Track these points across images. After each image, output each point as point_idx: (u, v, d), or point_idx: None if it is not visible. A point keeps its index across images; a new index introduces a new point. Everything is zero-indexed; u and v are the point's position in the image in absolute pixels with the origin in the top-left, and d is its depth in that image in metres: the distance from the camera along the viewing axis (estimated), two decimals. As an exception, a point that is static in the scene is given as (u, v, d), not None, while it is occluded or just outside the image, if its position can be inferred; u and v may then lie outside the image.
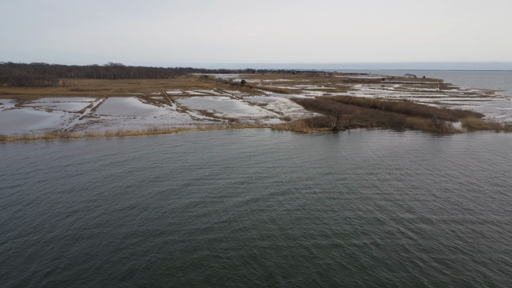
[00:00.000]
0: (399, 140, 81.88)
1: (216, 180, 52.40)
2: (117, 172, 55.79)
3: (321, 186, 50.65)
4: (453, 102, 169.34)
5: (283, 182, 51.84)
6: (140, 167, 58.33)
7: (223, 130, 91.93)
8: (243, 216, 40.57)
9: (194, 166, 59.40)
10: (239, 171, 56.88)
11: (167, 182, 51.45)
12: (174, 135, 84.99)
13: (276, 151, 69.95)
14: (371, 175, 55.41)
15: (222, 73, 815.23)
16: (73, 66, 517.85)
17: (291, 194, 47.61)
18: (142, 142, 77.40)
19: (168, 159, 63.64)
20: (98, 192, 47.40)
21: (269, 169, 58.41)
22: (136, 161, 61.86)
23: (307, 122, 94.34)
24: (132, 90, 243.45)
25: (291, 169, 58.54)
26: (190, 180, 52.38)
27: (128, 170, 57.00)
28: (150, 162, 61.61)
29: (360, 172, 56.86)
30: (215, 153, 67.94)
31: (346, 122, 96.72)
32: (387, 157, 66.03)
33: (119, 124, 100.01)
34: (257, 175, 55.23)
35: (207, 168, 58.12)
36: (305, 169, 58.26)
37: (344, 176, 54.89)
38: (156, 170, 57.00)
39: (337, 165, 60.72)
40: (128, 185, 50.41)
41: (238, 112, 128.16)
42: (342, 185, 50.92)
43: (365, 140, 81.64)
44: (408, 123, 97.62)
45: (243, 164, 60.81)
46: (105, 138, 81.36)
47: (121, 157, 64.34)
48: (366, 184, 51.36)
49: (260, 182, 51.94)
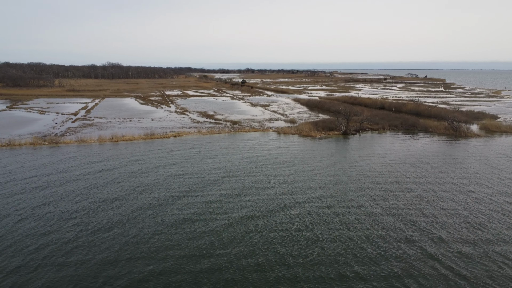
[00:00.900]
0: (414, 145, 75.92)
1: (218, 191, 46.38)
2: (103, 182, 49.68)
3: (336, 198, 44.70)
4: (462, 103, 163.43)
5: (294, 194, 45.84)
6: (131, 176, 52.26)
7: (225, 134, 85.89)
8: (249, 238, 34.56)
9: (192, 175, 53.36)
10: (244, 181, 50.87)
11: (160, 194, 45.41)
12: (173, 140, 78.92)
13: (283, 158, 63.95)
14: (390, 186, 49.43)
15: (221, 73, 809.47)
16: (70, 66, 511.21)
17: (303, 207, 41.70)
18: (137, 148, 71.33)
19: (164, 166, 57.56)
20: (77, 207, 41.28)
21: (276, 178, 52.41)
22: (128, 170, 55.80)
23: (315, 125, 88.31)
24: (129, 90, 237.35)
25: (301, 177, 52.53)
26: (187, 191, 46.37)
27: (117, 179, 50.92)
28: (144, 171, 55.54)
29: (378, 182, 50.86)
30: (217, 160, 61.92)
31: (357, 125, 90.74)
32: (404, 165, 60.05)
33: (114, 127, 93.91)
34: (264, 185, 49.25)
35: (207, 177, 52.09)
36: (316, 178, 52.26)
37: (361, 186, 48.92)
38: (149, 179, 50.94)
39: (351, 174, 54.71)
40: (115, 197, 44.38)
41: (240, 114, 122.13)
42: (360, 198, 44.98)
43: (377, 145, 75.67)
44: (423, 126, 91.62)
45: (247, 173, 54.79)
46: (97, 143, 75.27)
47: (111, 165, 58.26)
48: (387, 196, 45.40)
49: (267, 193, 45.95)
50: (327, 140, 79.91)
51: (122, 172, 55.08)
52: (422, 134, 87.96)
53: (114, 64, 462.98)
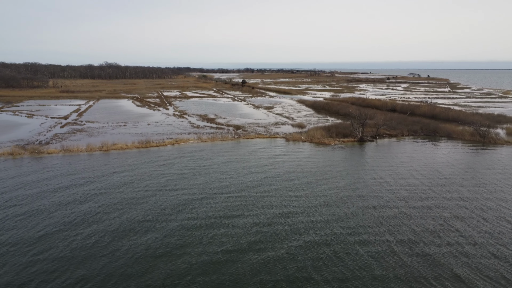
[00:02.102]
0: (439, 153, 67.85)
1: (221, 220, 38.20)
2: (81, 211, 41.45)
3: (370, 228, 36.56)
4: (475, 104, 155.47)
5: (315, 224, 37.65)
6: (116, 197, 44.06)
7: (228, 141, 77.65)
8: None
9: (191, 195, 45.16)
10: (252, 204, 42.70)
11: (149, 224, 37.18)
12: (170, 149, 70.68)
13: (295, 170, 55.79)
14: (421, 204, 41.34)
15: (220, 73, 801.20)
16: (67, 66, 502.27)
17: (329, 245, 33.46)
18: (129, 158, 63.08)
19: (156, 184, 49.34)
20: (42, 233, 33.09)
21: (289, 198, 44.28)
22: (114, 189, 47.54)
23: (327, 131, 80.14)
24: (126, 91, 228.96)
25: (321, 199, 44.39)
26: (185, 220, 38.19)
27: (97, 203, 42.69)
28: (133, 190, 47.30)
29: (414, 206, 42.70)
30: (219, 174, 53.73)
31: (372, 130, 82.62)
32: (432, 178, 52.01)
33: (106, 133, 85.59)
34: (276, 209, 41.12)
35: (208, 199, 43.91)
36: (337, 199, 44.11)
37: (394, 214, 40.72)
38: (137, 203, 42.74)
39: (379, 193, 46.55)
40: (90, 233, 36.02)
41: (243, 117, 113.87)
42: (392, 222, 36.81)
43: (398, 154, 67.55)
44: (445, 131, 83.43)
45: (255, 191, 46.64)
46: (86, 153, 67.01)
47: (94, 184, 49.97)
48: (429, 227, 37.20)
49: (280, 220, 37.77)
50: (342, 148, 71.72)
51: (104, 188, 46.85)
52: (445, 140, 79.85)
53: (111, 64, 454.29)
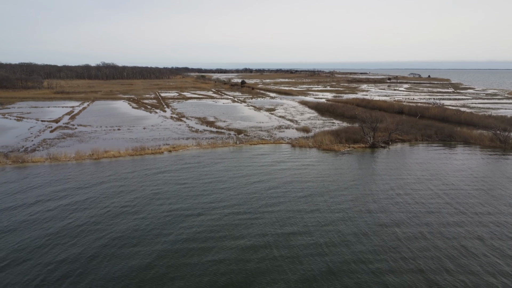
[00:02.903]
0: (459, 163, 62.43)
1: (218, 242, 32.64)
2: (54, 232, 35.80)
3: (390, 262, 31.05)
4: (483, 106, 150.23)
5: (330, 248, 32.14)
6: (97, 214, 38.45)
7: (230, 147, 72.06)
8: None
9: (185, 210, 39.59)
10: (255, 223, 37.19)
11: (131, 250, 31.61)
12: (167, 156, 65.06)
13: (304, 182, 50.26)
14: (452, 232, 35.87)
15: (219, 73, 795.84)
16: (64, 66, 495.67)
17: (348, 276, 27.94)
18: (121, 168, 57.41)
19: (146, 198, 43.72)
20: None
21: (300, 217, 38.73)
22: (97, 204, 41.93)
23: (335, 136, 74.62)
24: (123, 92, 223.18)
25: (333, 216, 38.85)
26: (175, 242, 32.59)
27: (74, 221, 37.05)
28: (118, 205, 41.68)
29: (431, 223, 37.20)
30: (219, 186, 48.16)
31: (383, 135, 77.17)
32: (459, 195, 46.55)
33: (98, 138, 79.87)
34: (282, 228, 35.60)
35: (204, 215, 38.35)
36: (355, 217, 38.60)
37: (413, 233, 35.21)
38: (121, 221, 37.15)
39: (397, 209, 41.07)
40: (60, 261, 30.43)
41: (244, 120, 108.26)
42: (417, 253, 31.32)
43: (414, 162, 62.12)
44: (462, 136, 77.99)
45: (259, 208, 41.07)
46: (74, 162, 61.31)
47: (76, 197, 44.30)
48: (464, 252, 31.71)
49: (292, 242, 32.23)
50: (353, 155, 66.24)
51: (85, 202, 41.21)
52: (462, 146, 74.45)
53: (108, 64, 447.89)
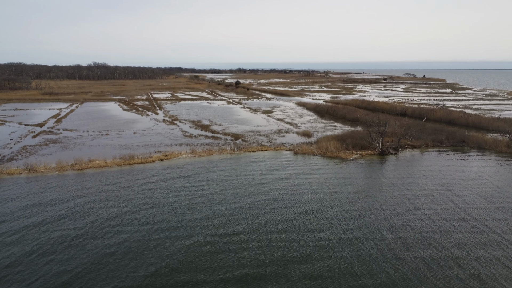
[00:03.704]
0: (475, 170, 57.48)
1: (211, 274, 27.09)
2: (6, 257, 29.95)
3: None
4: (486, 107, 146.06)
5: (343, 274, 26.73)
6: (60, 239, 32.63)
7: (227, 154, 66.38)
8: None
9: (174, 240, 33.93)
10: (260, 257, 31.59)
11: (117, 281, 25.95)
12: (158, 166, 59.20)
13: (310, 197, 44.81)
14: (498, 263, 30.64)
15: (213, 73, 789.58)
16: (54, 66, 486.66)
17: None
18: (105, 180, 51.45)
19: (128, 220, 37.94)
20: None
21: (310, 246, 33.22)
22: (65, 223, 36.06)
23: (341, 142, 69.25)
24: (114, 93, 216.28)
25: (349, 237, 33.42)
26: (162, 274, 27.00)
27: (30, 246, 31.21)
28: (90, 228, 35.85)
29: (476, 257, 31.96)
30: (215, 204, 42.52)
31: (392, 141, 71.98)
32: (486, 210, 41.42)
33: (83, 145, 73.72)
34: (293, 264, 30.02)
35: (198, 247, 32.67)
36: (377, 251, 33.19)
37: (444, 262, 29.95)
38: (85, 251, 31.37)
39: (422, 233, 35.77)
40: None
41: (241, 123, 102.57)
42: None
43: (427, 171, 57.01)
44: (475, 141, 73.00)
45: (263, 234, 35.51)
46: (55, 173, 55.24)
47: (43, 215, 38.37)
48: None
49: (301, 273, 26.75)
50: (361, 164, 60.90)
51: (55, 220, 35.32)
52: (475, 152, 69.51)
53: (100, 64, 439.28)
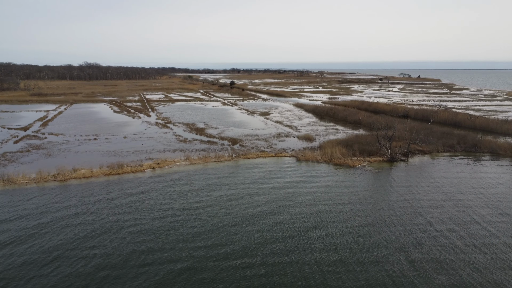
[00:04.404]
0: (493, 179, 53.16)
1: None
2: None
3: None
4: (488, 108, 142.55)
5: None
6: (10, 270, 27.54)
7: (224, 162, 61.37)
8: None
9: (164, 264, 28.92)
10: (260, 282, 26.79)
11: None
12: (149, 176, 54.05)
13: (319, 212, 39.99)
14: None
15: (206, 73, 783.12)
16: (45, 66, 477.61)
17: None
18: (88, 194, 46.21)
19: (105, 247, 32.90)
20: None
21: (321, 271, 28.42)
22: (42, 245, 30.95)
23: (347, 148, 64.57)
24: (105, 93, 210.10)
25: (368, 262, 28.70)
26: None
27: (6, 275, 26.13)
28: (58, 259, 30.75)
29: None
30: (210, 220, 37.58)
31: (401, 145, 67.48)
32: (506, 227, 37.00)
33: (69, 151, 68.28)
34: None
35: (186, 261, 27.70)
36: (402, 269, 28.51)
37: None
38: (69, 280, 26.37)
39: (453, 254, 31.18)
40: None
41: (238, 126, 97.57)
42: None
43: (441, 180, 52.59)
44: (488, 146, 68.72)
45: (263, 253, 30.62)
46: (35, 185, 49.87)
47: (18, 233, 33.19)
48: None
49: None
50: (369, 172, 56.24)
51: (20, 241, 30.17)
52: (489, 158, 65.27)
53: (91, 64, 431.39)
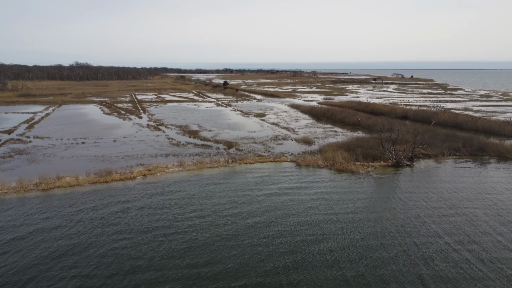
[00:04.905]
0: (503, 185, 50.39)
1: None
2: None
3: None
4: (486, 109, 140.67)
5: None
6: None
7: (220, 167, 57.81)
8: None
9: (154, 276, 25.45)
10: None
11: None
12: (139, 183, 50.30)
13: (323, 224, 36.68)
14: None
15: (199, 73, 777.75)
16: (34, 66, 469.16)
17: None
18: (74, 204, 42.40)
19: (98, 265, 29.27)
20: None
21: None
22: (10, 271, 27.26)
23: (350, 152, 61.37)
24: (96, 94, 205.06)
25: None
26: None
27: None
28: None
29: None
30: (205, 234, 34.08)
31: (404, 149, 64.51)
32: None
33: (54, 156, 64.19)
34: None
35: (177, 283, 24.28)
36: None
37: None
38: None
39: (478, 280, 28.10)
40: None
41: (233, 128, 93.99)
42: None
43: (450, 187, 49.69)
44: (495, 149, 66.04)
45: (264, 274, 27.24)
46: (15, 195, 45.89)
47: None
48: None
49: None
50: (375, 178, 53.05)
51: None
52: (496, 162, 62.58)
53: (82, 64, 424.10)
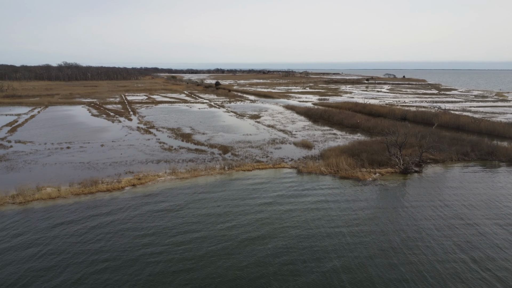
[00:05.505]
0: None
1: None
2: None
3: None
4: (484, 110, 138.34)
5: None
6: None
7: (216, 175, 53.62)
8: None
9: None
10: None
11: None
12: (128, 195, 45.91)
13: (332, 239, 32.82)
14: None
15: (190, 73, 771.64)
16: (22, 66, 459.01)
17: None
18: (53, 219, 37.89)
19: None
20: None
21: None
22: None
23: (354, 158, 57.63)
24: (84, 95, 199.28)
25: None
26: None
27: None
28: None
29: None
30: (198, 252, 29.97)
31: (411, 153, 61.02)
32: None
33: (36, 163, 59.40)
34: None
35: None
36: None
37: None
38: None
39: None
40: None
41: (227, 131, 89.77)
42: None
43: (463, 196, 46.22)
44: (505, 154, 62.81)
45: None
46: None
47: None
48: None
49: None
50: (383, 187, 49.39)
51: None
52: (506, 166, 59.39)
53: (71, 64, 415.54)
